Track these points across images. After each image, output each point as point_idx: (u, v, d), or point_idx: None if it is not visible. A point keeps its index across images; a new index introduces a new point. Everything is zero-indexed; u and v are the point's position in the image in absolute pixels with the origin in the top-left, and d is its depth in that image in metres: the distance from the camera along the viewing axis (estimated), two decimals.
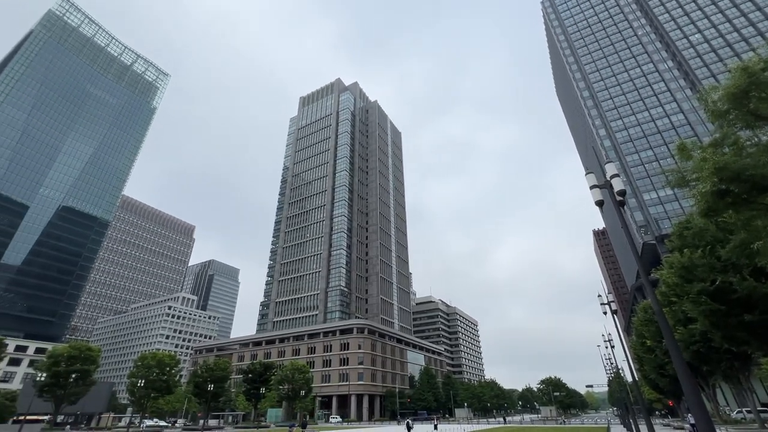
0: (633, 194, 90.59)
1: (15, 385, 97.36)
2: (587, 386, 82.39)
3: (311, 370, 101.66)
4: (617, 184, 10.60)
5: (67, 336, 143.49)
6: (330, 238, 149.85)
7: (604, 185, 11.04)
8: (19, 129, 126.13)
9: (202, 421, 77.02)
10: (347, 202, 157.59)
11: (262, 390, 79.55)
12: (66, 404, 57.00)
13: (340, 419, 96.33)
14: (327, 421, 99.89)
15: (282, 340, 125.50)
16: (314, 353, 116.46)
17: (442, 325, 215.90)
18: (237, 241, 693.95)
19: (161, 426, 77.42)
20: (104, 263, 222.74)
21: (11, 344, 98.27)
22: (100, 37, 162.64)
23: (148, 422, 79.76)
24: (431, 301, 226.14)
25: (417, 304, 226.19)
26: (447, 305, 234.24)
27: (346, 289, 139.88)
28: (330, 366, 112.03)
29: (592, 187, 11.17)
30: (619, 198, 10.49)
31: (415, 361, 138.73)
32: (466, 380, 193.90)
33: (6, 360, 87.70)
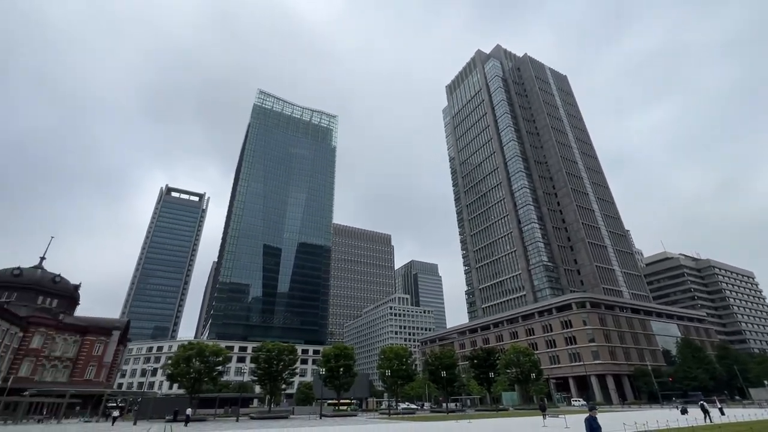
0: None
1: (308, 378, 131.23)
2: None
3: (535, 352, 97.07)
4: None
5: (329, 339, 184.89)
6: (516, 214, 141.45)
7: None
8: (261, 195, 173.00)
9: (444, 404, 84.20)
10: (524, 173, 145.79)
11: (491, 374, 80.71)
12: (342, 391, 72.55)
13: (584, 402, 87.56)
14: (569, 404, 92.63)
15: (496, 325, 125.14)
16: (533, 335, 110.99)
17: (693, 285, 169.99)
18: (428, 238, 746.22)
19: (413, 408, 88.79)
20: (336, 280, 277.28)
21: (298, 349, 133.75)
22: (286, 108, 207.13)
23: (402, 405, 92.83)
24: (668, 258, 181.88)
25: (647, 264, 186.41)
26: (694, 259, 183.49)
27: (550, 264, 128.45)
28: (555, 346, 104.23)
29: None
30: None
31: (666, 332, 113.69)
32: (756, 351, 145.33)
33: (299, 360, 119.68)
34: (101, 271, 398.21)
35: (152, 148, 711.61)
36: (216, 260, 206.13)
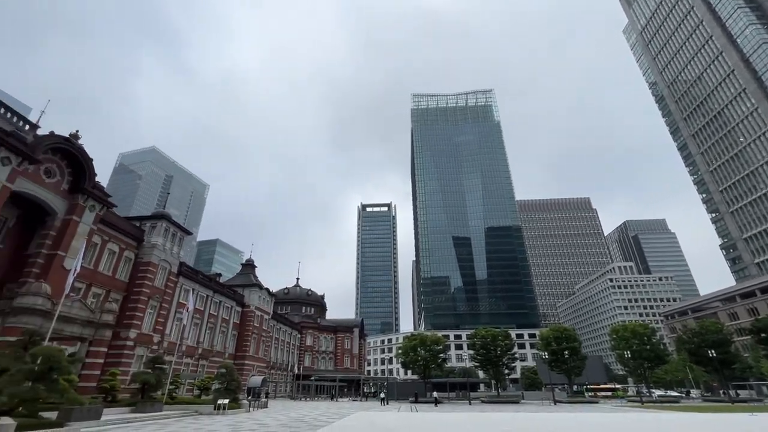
0: None
1: (529, 362, 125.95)
2: None
3: None
4: None
5: (542, 322, 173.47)
6: None
7: None
8: (439, 191, 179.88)
9: (723, 392, 64.93)
10: None
11: None
12: (574, 376, 65.91)
13: None
14: None
15: None
16: None
17: None
18: (640, 191, 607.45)
19: (674, 396, 72.16)
20: (537, 258, 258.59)
21: (512, 333, 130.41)
22: (441, 101, 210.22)
23: (658, 392, 76.99)
24: None
25: None
26: None
27: None
28: None
29: None
30: None
31: None
32: None
33: (515, 345, 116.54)
34: (333, 282, 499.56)
35: (345, 174, 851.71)
36: (414, 259, 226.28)
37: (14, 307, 22.50)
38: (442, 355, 70.55)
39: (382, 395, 52.66)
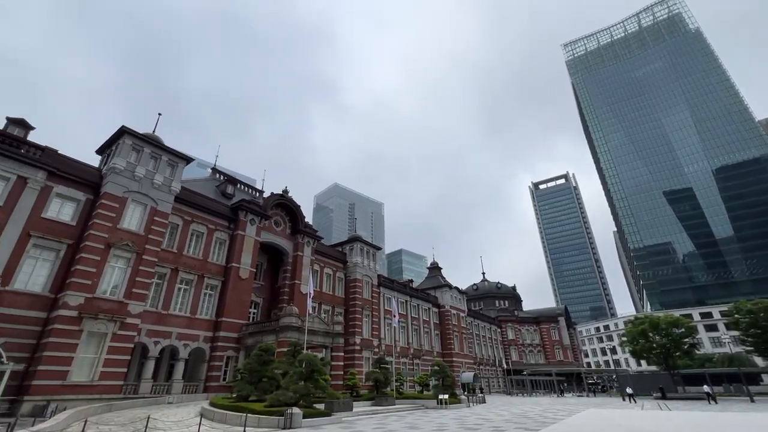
0: None
1: None
2: None
3: None
4: None
5: None
6: None
7: None
8: (628, 142, 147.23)
9: None
10: None
11: None
12: None
13: None
14: None
15: None
16: None
17: None
18: None
19: None
20: None
21: None
22: (602, 36, 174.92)
23: None
24: None
25: None
26: None
27: None
28: None
29: None
30: None
31: None
32: None
33: None
34: (521, 270, 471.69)
35: (507, 158, 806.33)
36: (614, 230, 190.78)
37: (281, 325, 30.06)
38: (687, 339, 56.06)
39: (629, 390, 44.81)
